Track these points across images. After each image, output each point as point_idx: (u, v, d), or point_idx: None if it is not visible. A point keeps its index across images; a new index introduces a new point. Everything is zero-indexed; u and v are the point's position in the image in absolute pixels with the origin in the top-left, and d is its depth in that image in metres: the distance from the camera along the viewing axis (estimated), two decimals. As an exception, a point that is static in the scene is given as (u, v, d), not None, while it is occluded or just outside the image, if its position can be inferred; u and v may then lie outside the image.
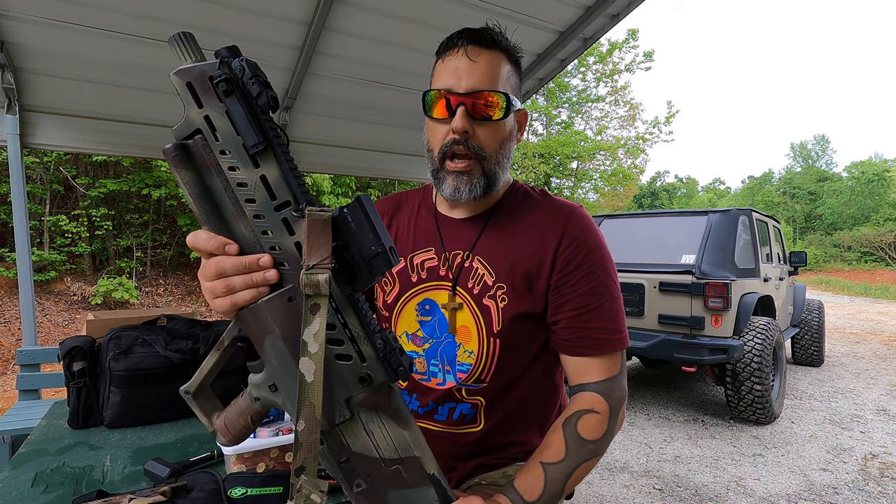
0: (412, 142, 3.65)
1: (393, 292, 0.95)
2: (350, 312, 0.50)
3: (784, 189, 37.41)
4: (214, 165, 0.48)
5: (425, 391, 0.92)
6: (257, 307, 0.50)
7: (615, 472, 3.01)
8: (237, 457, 0.95)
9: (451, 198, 0.85)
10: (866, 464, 3.15)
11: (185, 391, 0.54)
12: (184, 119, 0.47)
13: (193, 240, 0.49)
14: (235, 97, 0.45)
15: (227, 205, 0.49)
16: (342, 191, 11.23)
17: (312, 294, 0.45)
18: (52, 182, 8.75)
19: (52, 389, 3.93)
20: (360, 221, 0.47)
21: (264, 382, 0.52)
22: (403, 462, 0.54)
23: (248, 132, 0.46)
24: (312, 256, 0.46)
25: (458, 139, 0.81)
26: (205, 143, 0.47)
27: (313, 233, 0.46)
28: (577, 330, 0.83)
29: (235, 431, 0.54)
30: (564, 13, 2.56)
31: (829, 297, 14.58)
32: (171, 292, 9.69)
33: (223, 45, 0.47)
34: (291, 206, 0.47)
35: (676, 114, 16.43)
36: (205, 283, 0.51)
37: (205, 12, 2.21)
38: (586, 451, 0.76)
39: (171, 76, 0.46)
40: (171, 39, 0.47)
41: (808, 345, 5.66)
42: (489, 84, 0.81)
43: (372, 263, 0.47)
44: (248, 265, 0.48)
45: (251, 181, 0.47)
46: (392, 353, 0.50)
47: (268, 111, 0.47)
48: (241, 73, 0.45)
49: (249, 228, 0.49)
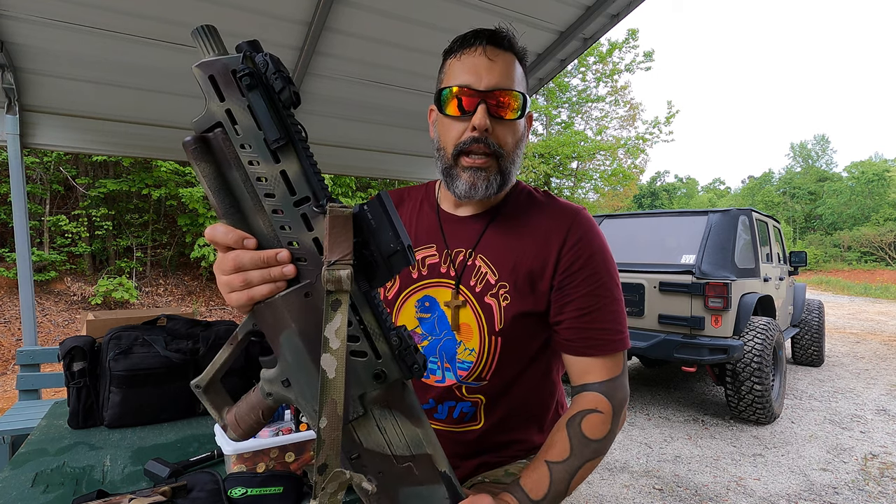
0: (412, 142, 3.65)
1: (393, 288, 0.95)
2: (366, 309, 0.50)
3: (784, 189, 37.41)
4: (234, 159, 0.47)
5: (424, 388, 0.92)
6: (274, 302, 0.50)
7: (615, 472, 3.01)
8: (237, 457, 0.95)
9: (466, 195, 0.84)
10: (866, 464, 3.15)
11: (196, 385, 0.54)
12: (205, 112, 0.47)
13: (212, 233, 0.49)
14: (258, 92, 0.45)
15: (246, 199, 0.49)
16: (342, 191, 11.22)
17: (334, 290, 0.45)
18: (52, 182, 8.75)
19: (52, 389, 3.94)
20: (379, 219, 0.47)
21: (277, 378, 0.52)
22: (415, 459, 0.54)
23: (270, 127, 0.45)
24: (334, 252, 0.46)
25: (479, 137, 0.81)
26: (225, 136, 0.47)
27: (335, 229, 0.46)
28: (580, 330, 0.83)
29: (246, 426, 0.54)
30: (564, 13, 2.56)
31: (829, 297, 14.59)
32: (171, 292, 9.69)
33: (223, 46, 0.47)
34: (311, 202, 0.47)
35: (676, 114, 16.42)
36: (221, 277, 0.51)
37: (205, 12, 2.21)
38: (590, 451, 0.77)
39: (194, 69, 0.46)
40: (193, 32, 0.46)
41: (808, 345, 5.67)
42: (508, 83, 0.81)
43: (391, 261, 0.48)
44: (266, 260, 0.48)
45: (271, 176, 0.47)
46: (407, 350, 0.50)
47: (290, 107, 0.47)
48: (265, 68, 0.45)
49: (268, 223, 0.49)
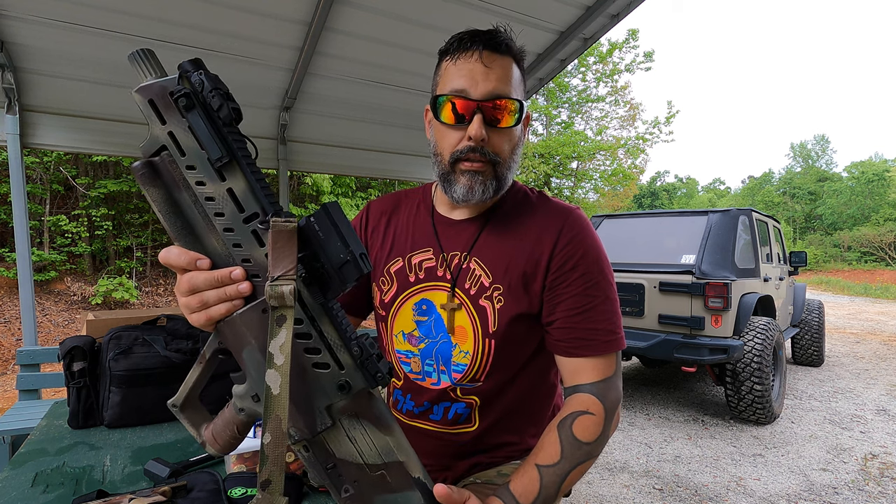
0: (412, 142, 3.66)
1: (391, 292, 0.95)
2: (325, 321, 0.50)
3: (784, 189, 37.41)
4: (182, 181, 0.47)
5: (420, 391, 0.92)
6: (233, 320, 0.50)
7: (615, 472, 3.01)
8: (237, 457, 0.95)
9: (464, 199, 0.84)
10: (866, 464, 3.15)
11: (173, 404, 0.54)
12: (149, 136, 0.47)
13: (166, 256, 0.49)
14: (196, 111, 0.45)
15: (198, 220, 0.49)
16: (342, 191, 11.23)
17: (278, 305, 0.45)
18: (52, 182, 8.74)
19: (52, 389, 3.94)
20: (327, 230, 0.47)
21: (247, 393, 0.52)
22: (388, 467, 0.54)
23: (212, 146, 0.45)
24: (277, 268, 0.45)
25: (475, 146, 0.80)
26: (171, 159, 0.47)
27: (278, 244, 0.45)
28: (571, 330, 0.83)
29: (223, 442, 0.54)
30: (564, 13, 2.57)
31: (829, 297, 14.59)
32: (171, 292, 9.68)
33: (224, 46, 0.47)
34: (259, 218, 0.47)
35: (676, 114, 16.42)
36: (180, 299, 0.51)
37: (205, 12, 2.21)
38: (581, 453, 0.76)
39: (133, 94, 0.46)
40: (129, 57, 0.47)
41: (808, 345, 5.66)
42: (505, 90, 0.80)
43: (342, 271, 0.47)
44: (220, 279, 0.48)
45: (219, 195, 0.47)
46: (369, 359, 0.50)
47: (230, 123, 0.46)
48: (201, 87, 0.45)
49: (221, 242, 0.49)
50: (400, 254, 0.95)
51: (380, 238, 0.99)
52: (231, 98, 0.46)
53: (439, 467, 0.94)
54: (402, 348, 0.94)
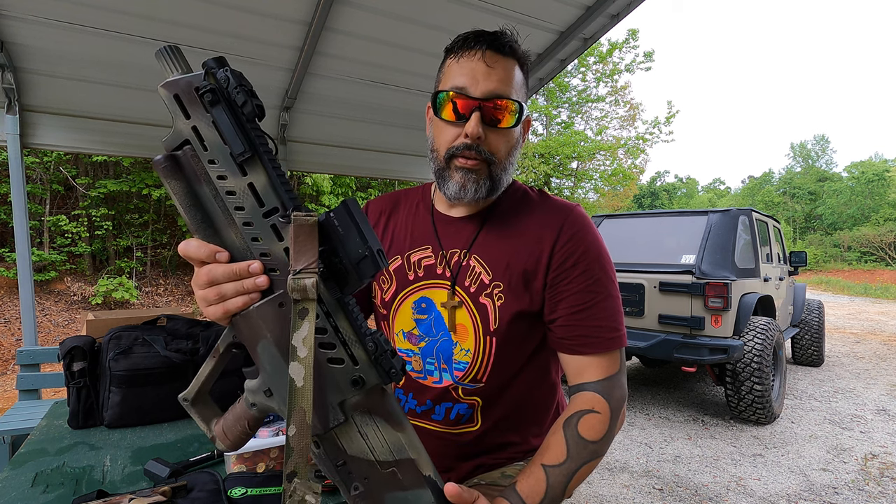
0: (412, 142, 3.65)
1: (390, 290, 0.95)
2: (341, 316, 0.50)
3: (784, 189, 37.41)
4: (203, 175, 0.48)
5: (422, 390, 0.92)
6: (249, 313, 0.50)
7: (615, 472, 3.01)
8: (237, 457, 0.95)
9: (456, 196, 0.84)
10: (866, 464, 3.15)
11: (184, 398, 0.55)
12: (172, 130, 0.48)
13: (185, 248, 0.50)
14: (221, 107, 0.46)
15: (217, 213, 0.49)
16: (342, 191, 11.23)
17: (300, 299, 0.46)
18: (52, 182, 8.75)
19: (52, 389, 3.94)
20: (346, 225, 0.48)
21: (259, 388, 0.52)
22: (399, 464, 0.54)
23: (235, 141, 0.46)
24: (299, 261, 0.46)
25: (471, 144, 0.80)
26: (193, 153, 0.48)
27: (299, 238, 0.46)
28: (573, 328, 0.82)
29: (234, 437, 0.54)
30: (564, 13, 2.56)
31: (829, 297, 14.59)
32: (171, 292, 9.69)
33: (224, 46, 0.47)
34: (279, 213, 0.48)
35: (676, 114, 16.42)
36: (197, 291, 0.51)
37: (205, 12, 2.21)
38: (588, 452, 0.75)
39: (159, 89, 0.47)
40: (157, 53, 0.47)
41: (808, 345, 5.66)
42: (505, 91, 0.80)
43: (360, 266, 0.48)
44: (238, 272, 0.49)
45: (240, 189, 0.48)
46: (383, 355, 0.51)
47: (254, 119, 0.47)
48: (227, 83, 0.46)
49: (239, 236, 0.50)
50: (399, 252, 0.95)
51: (378, 237, 0.99)
52: (254, 95, 0.47)
53: (442, 469, 0.94)
54: (403, 347, 0.94)
